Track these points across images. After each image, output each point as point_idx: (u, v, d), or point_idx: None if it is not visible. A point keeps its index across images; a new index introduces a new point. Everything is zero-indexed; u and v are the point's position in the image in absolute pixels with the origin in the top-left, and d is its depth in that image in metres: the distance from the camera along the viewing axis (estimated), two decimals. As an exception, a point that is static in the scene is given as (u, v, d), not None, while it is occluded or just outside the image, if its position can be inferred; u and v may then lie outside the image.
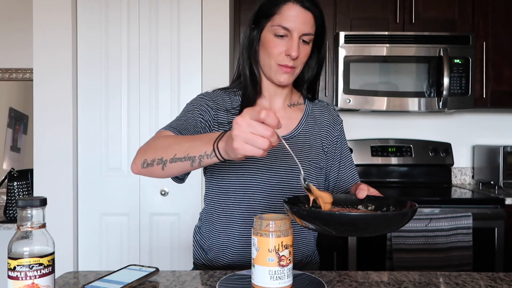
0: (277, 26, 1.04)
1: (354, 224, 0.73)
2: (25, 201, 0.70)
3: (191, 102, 1.13)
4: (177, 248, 2.27)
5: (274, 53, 1.06)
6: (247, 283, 0.85)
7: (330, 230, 0.75)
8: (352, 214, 0.73)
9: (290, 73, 1.07)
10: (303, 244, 1.14)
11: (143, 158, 0.91)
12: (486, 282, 0.90)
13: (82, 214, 2.27)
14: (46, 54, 2.20)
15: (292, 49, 1.03)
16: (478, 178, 2.76)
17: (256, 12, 1.10)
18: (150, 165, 0.90)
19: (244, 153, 0.71)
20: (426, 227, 2.04)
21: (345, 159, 1.21)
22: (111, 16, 2.26)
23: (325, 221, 0.74)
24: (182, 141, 0.87)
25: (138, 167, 0.93)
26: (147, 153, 0.91)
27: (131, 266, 0.96)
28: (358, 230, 0.75)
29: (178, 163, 0.85)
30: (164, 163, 0.87)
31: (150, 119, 2.27)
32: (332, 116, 1.22)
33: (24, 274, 0.68)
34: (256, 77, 1.13)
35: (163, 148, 0.88)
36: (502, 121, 2.87)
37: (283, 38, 1.05)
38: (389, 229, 0.78)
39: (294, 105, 1.19)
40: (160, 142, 0.91)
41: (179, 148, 0.85)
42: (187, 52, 2.28)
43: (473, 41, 2.43)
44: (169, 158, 0.86)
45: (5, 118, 2.58)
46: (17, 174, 2.21)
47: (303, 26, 1.04)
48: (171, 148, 0.86)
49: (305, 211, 0.76)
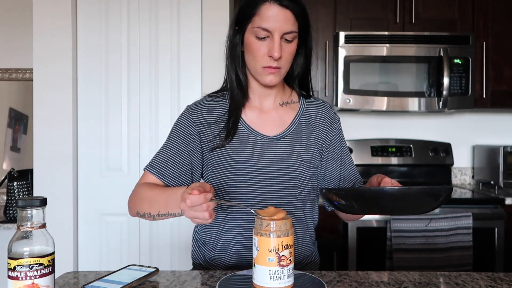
0: (257, 28, 1.03)
1: (394, 198, 0.78)
2: (25, 201, 0.70)
3: (176, 124, 1.16)
4: (177, 248, 2.27)
5: (258, 55, 1.05)
6: (247, 283, 0.85)
7: (376, 209, 0.84)
8: (393, 188, 0.79)
9: (275, 74, 1.06)
10: (300, 244, 1.14)
11: (135, 211, 1.07)
12: (486, 282, 0.90)
13: (82, 214, 2.27)
14: (46, 54, 2.20)
15: (273, 50, 1.02)
16: (478, 178, 2.76)
17: (237, 14, 1.09)
18: (142, 216, 1.06)
19: (196, 221, 0.86)
20: (426, 227, 2.04)
21: (345, 158, 1.20)
22: (111, 15, 2.26)
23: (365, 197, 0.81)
24: (159, 198, 1.01)
25: (134, 215, 1.09)
26: (136, 206, 1.07)
27: (131, 266, 0.96)
28: (396, 207, 0.81)
29: (164, 216, 1.00)
30: (153, 217, 1.03)
31: (150, 119, 2.27)
32: (329, 114, 1.20)
33: (24, 274, 0.68)
34: (241, 80, 1.12)
35: (148, 203, 1.03)
36: (502, 121, 2.87)
37: (265, 39, 1.03)
38: (421, 208, 0.82)
39: (287, 104, 1.18)
40: (143, 195, 1.07)
41: (159, 206, 1.00)
42: (187, 52, 2.27)
43: (473, 41, 2.43)
44: (155, 214, 1.02)
45: (5, 118, 2.58)
46: (17, 174, 2.21)
47: (284, 25, 1.02)
48: (153, 206, 1.02)
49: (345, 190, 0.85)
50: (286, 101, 1.18)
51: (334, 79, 2.47)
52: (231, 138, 1.09)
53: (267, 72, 1.06)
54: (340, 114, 2.57)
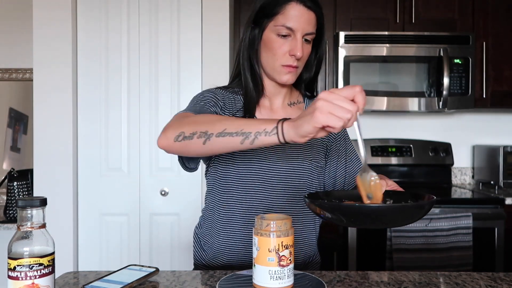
0: (281, 26, 1.03)
1: (369, 215, 0.73)
2: (25, 201, 0.70)
3: (201, 95, 1.09)
4: (177, 248, 2.27)
5: (279, 53, 1.05)
6: (247, 283, 0.85)
7: (346, 221, 0.76)
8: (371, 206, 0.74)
9: (293, 73, 1.07)
10: (305, 244, 1.14)
11: (179, 131, 0.84)
12: (486, 282, 0.90)
13: (82, 214, 2.27)
14: (46, 54, 2.20)
15: (296, 49, 1.03)
16: (478, 178, 2.76)
17: (257, 12, 1.08)
18: (188, 138, 0.83)
19: (324, 121, 0.71)
20: (426, 227, 2.04)
21: (351, 155, 1.21)
22: (111, 13, 2.26)
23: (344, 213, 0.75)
24: (233, 119, 0.83)
25: (169, 141, 0.85)
26: (183, 126, 0.85)
27: (131, 266, 0.96)
28: (376, 222, 0.76)
29: (226, 138, 0.80)
30: (209, 137, 0.81)
31: (150, 119, 2.27)
32: None
33: (24, 274, 0.68)
34: (257, 77, 1.12)
35: (209, 123, 0.83)
36: (502, 121, 2.87)
37: (286, 38, 1.04)
38: (407, 220, 0.78)
39: (294, 104, 1.18)
40: (201, 117, 0.87)
41: (230, 124, 0.81)
42: (187, 53, 2.28)
43: (473, 41, 2.43)
44: (217, 132, 0.81)
45: (5, 118, 2.58)
46: (17, 174, 2.21)
47: (307, 26, 1.03)
48: (220, 123, 0.82)
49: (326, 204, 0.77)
50: (294, 102, 1.18)
51: (334, 79, 2.47)
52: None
53: (286, 70, 1.06)
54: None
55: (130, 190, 2.27)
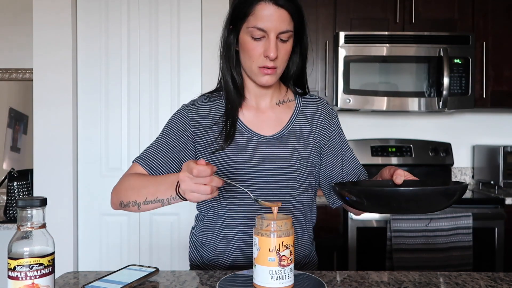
0: (253, 28, 1.01)
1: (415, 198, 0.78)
2: (25, 201, 0.70)
3: (171, 120, 1.14)
4: (177, 248, 2.27)
5: (253, 56, 1.03)
6: (247, 283, 0.85)
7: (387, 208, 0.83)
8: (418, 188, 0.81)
9: (271, 74, 1.05)
10: (299, 244, 1.13)
11: (119, 200, 1.04)
12: (486, 282, 0.90)
13: (82, 214, 2.27)
14: (46, 54, 2.20)
15: (269, 50, 1.01)
16: (478, 178, 2.76)
17: (231, 13, 1.07)
18: (126, 206, 1.03)
19: (195, 200, 0.84)
20: (426, 227, 2.04)
21: (346, 152, 1.18)
22: (111, 15, 2.26)
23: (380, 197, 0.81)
24: (149, 184, 0.98)
25: (117, 206, 1.07)
26: (121, 195, 1.04)
27: (131, 266, 0.96)
28: (416, 207, 0.81)
29: (150, 205, 0.97)
30: (139, 205, 0.99)
31: (150, 119, 2.27)
32: (326, 110, 1.18)
33: (24, 274, 0.68)
34: (236, 81, 1.11)
35: (135, 191, 1.00)
36: (502, 121, 2.87)
37: (260, 39, 1.02)
38: (440, 205, 0.82)
39: (284, 102, 1.16)
40: (131, 183, 1.03)
41: (148, 192, 0.97)
42: (187, 55, 2.28)
43: (473, 41, 2.43)
44: (142, 201, 0.98)
45: (5, 118, 2.58)
46: (17, 174, 2.21)
47: (279, 25, 1.00)
48: (141, 192, 0.98)
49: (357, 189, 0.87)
50: (283, 100, 1.16)
51: (334, 79, 2.47)
52: (231, 140, 1.08)
53: (263, 72, 1.04)
54: (340, 114, 2.57)
55: (130, 190, 2.27)
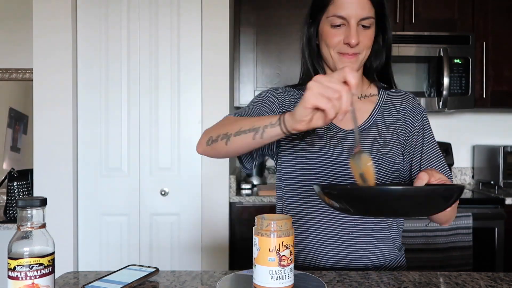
0: (332, 16, 1.00)
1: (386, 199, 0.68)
2: (25, 201, 0.70)
3: (259, 94, 1.12)
4: (177, 248, 2.27)
5: (333, 43, 1.02)
6: (247, 283, 0.85)
7: (352, 209, 0.72)
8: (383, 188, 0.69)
9: (353, 60, 1.02)
10: (380, 247, 1.07)
11: (209, 136, 0.93)
12: (486, 282, 0.90)
13: (82, 214, 2.27)
14: (46, 54, 2.20)
15: (350, 36, 0.98)
16: (478, 178, 2.76)
17: (310, 7, 1.07)
18: (214, 142, 0.91)
19: (313, 101, 0.71)
20: (426, 227, 2.04)
21: (428, 151, 1.09)
22: (111, 16, 2.26)
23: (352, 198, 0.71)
24: (250, 118, 0.88)
25: (203, 146, 0.95)
26: (213, 131, 0.93)
27: (131, 266, 0.95)
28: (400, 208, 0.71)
29: (242, 136, 0.86)
30: (228, 137, 0.88)
31: (150, 120, 2.27)
32: (411, 105, 1.11)
33: (24, 274, 0.68)
34: (319, 73, 1.08)
35: (230, 124, 0.90)
36: (502, 121, 2.87)
37: (340, 27, 1.00)
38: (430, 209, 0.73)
39: (366, 97, 1.12)
40: (226, 120, 0.94)
41: (246, 122, 0.86)
42: (187, 52, 2.27)
43: (473, 41, 2.43)
44: (234, 131, 0.87)
45: (5, 118, 2.58)
46: (17, 174, 2.21)
47: (360, 11, 0.98)
48: (237, 123, 0.88)
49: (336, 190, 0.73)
50: (365, 95, 1.12)
51: (334, 79, 2.46)
52: (312, 132, 1.05)
53: (344, 59, 1.02)
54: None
55: (130, 190, 2.27)
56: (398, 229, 1.13)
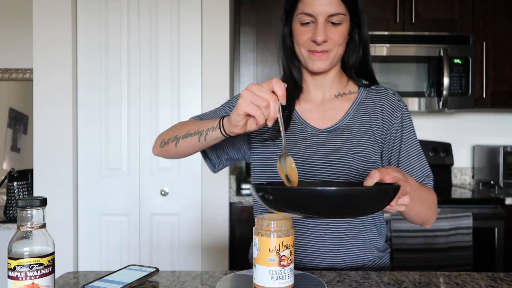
0: (301, 14, 1.00)
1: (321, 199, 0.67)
2: (25, 201, 0.70)
3: (232, 97, 1.16)
4: (177, 248, 2.27)
5: (302, 40, 1.02)
6: (247, 283, 0.85)
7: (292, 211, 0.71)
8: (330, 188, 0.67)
9: (322, 59, 1.02)
10: (358, 248, 1.06)
11: (162, 139, 1.03)
12: (486, 282, 0.90)
13: (82, 214, 2.27)
14: (46, 54, 2.20)
15: (316, 34, 0.98)
16: (478, 178, 2.76)
17: (284, 5, 1.08)
18: (166, 144, 1.00)
19: (244, 108, 0.79)
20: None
21: (407, 149, 1.06)
22: (111, 15, 2.26)
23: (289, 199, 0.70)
24: (198, 122, 0.96)
25: (157, 148, 1.05)
26: (165, 134, 1.03)
27: (131, 266, 0.95)
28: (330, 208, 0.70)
29: (188, 138, 0.95)
30: (178, 140, 0.97)
31: (150, 119, 2.27)
32: (390, 102, 1.08)
33: (24, 274, 0.68)
34: (293, 72, 1.10)
35: (179, 128, 0.99)
36: (502, 121, 2.87)
37: (309, 25, 1.00)
38: (369, 208, 0.73)
39: (344, 95, 1.10)
40: (179, 124, 1.03)
41: (193, 126, 0.95)
42: (187, 51, 2.27)
43: (473, 41, 2.43)
44: (182, 134, 0.96)
45: (5, 118, 2.58)
46: (17, 174, 2.21)
47: (327, 8, 0.98)
48: (186, 127, 0.97)
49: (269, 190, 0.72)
50: (343, 92, 1.11)
51: (334, 79, 2.46)
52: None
53: (313, 57, 1.02)
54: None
55: (130, 190, 2.27)
56: (378, 230, 1.10)
